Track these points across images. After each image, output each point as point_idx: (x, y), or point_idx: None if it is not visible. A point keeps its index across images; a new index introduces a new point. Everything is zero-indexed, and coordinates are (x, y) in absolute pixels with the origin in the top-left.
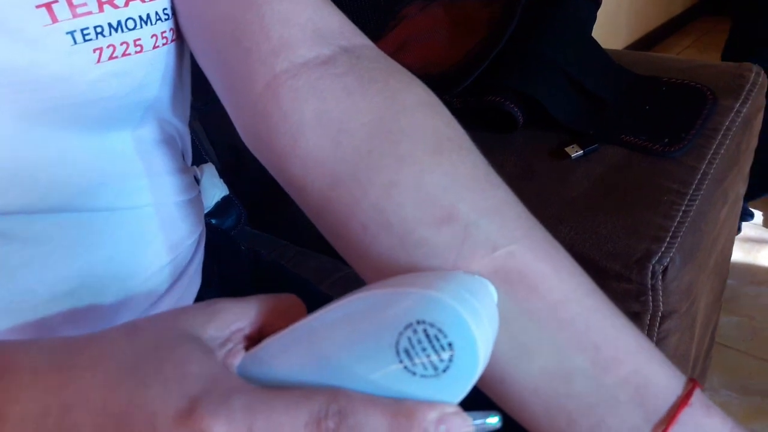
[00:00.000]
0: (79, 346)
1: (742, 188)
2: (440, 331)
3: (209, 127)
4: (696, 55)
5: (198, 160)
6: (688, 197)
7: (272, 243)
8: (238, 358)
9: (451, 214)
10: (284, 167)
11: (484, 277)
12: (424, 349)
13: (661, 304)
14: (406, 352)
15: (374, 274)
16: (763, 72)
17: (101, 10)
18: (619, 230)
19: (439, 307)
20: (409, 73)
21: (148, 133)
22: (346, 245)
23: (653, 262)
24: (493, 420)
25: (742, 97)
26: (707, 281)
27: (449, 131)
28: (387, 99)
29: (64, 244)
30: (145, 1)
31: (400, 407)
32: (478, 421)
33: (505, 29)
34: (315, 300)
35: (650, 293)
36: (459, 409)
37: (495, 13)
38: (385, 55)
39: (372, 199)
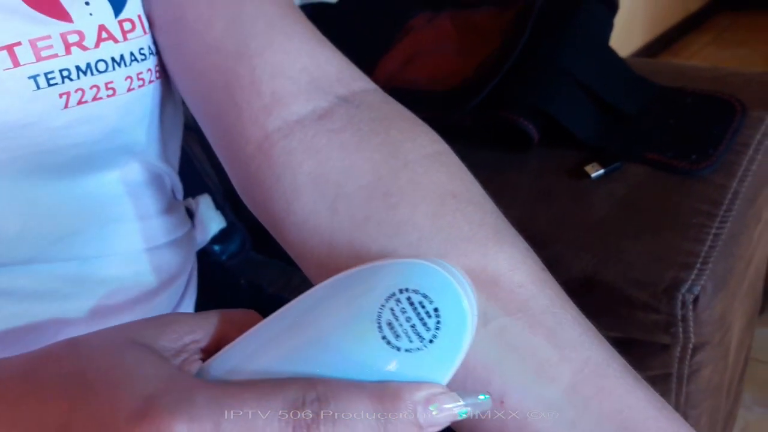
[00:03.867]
0: (8, 365)
1: None
2: (425, 296)
3: (211, 148)
4: (716, 52)
5: (199, 186)
6: (719, 219)
7: (278, 271)
8: (193, 368)
9: None
10: (281, 232)
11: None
12: (408, 319)
13: (692, 335)
14: (389, 324)
15: None
16: None
17: (68, 52)
18: (644, 256)
19: (424, 272)
20: (413, 118)
21: (131, 175)
22: None
23: (683, 291)
24: (484, 398)
25: None
26: (740, 306)
27: (453, 186)
28: (387, 155)
29: (34, 298)
30: (118, 42)
31: (385, 389)
32: (469, 399)
33: (518, 40)
34: None
35: (680, 324)
36: (447, 389)
37: (506, 24)
38: (388, 98)
39: None
